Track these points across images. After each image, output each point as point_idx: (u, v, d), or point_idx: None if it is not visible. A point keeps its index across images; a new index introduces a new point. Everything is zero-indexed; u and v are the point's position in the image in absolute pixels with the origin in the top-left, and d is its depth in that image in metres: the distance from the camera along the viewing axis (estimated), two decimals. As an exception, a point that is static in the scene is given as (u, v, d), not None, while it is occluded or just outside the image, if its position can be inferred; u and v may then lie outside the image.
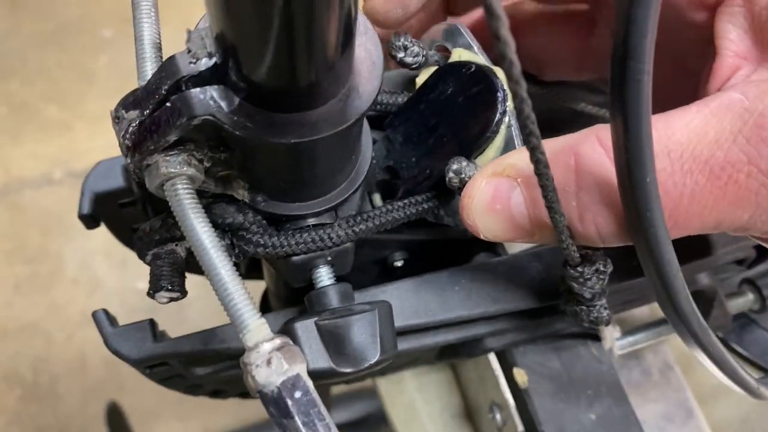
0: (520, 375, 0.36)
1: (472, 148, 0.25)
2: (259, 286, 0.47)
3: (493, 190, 0.23)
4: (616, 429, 0.35)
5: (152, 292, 0.26)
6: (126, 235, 0.33)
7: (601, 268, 0.26)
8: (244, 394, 0.38)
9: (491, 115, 0.25)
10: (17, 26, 1.67)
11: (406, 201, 0.27)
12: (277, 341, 0.20)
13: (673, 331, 0.34)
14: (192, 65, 0.21)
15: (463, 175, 0.24)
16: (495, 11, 0.16)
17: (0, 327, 1.36)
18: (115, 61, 1.65)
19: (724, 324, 0.42)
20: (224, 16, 0.19)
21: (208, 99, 0.21)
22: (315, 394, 0.20)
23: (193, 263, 0.31)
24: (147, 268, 0.28)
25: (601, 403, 0.35)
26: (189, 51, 0.21)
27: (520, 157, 0.24)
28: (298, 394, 0.19)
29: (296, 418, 0.19)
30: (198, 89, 0.21)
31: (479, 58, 0.27)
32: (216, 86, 0.21)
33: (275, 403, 0.19)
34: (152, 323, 0.29)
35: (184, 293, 0.27)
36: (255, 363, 0.19)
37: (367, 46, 0.22)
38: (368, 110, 0.22)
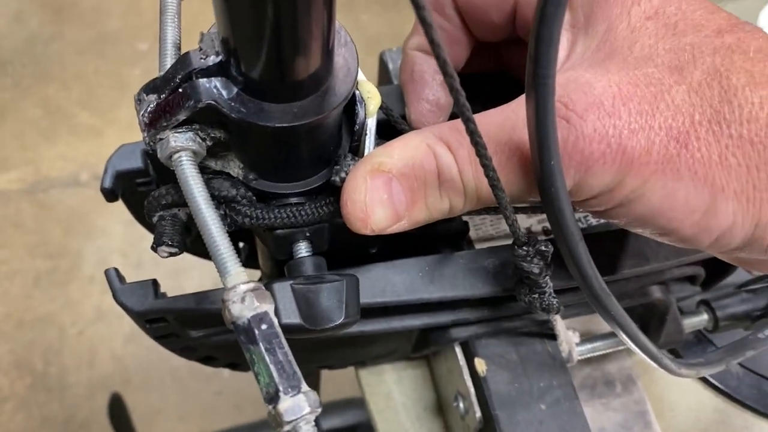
0: (480, 364, 0.40)
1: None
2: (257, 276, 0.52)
3: (377, 185, 0.28)
4: (562, 418, 0.38)
5: (155, 246, 0.31)
6: (140, 211, 0.38)
7: (542, 248, 0.30)
8: (232, 364, 0.42)
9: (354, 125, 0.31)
10: (61, 32, 1.76)
11: None
12: (251, 284, 0.24)
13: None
14: (202, 60, 0.26)
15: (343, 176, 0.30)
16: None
17: (18, 317, 1.42)
18: (149, 72, 1.72)
19: (677, 338, 0.45)
20: (227, 26, 0.25)
21: (213, 88, 0.26)
22: (278, 329, 0.24)
23: (196, 247, 0.37)
24: (160, 271, 0.32)
25: (551, 395, 0.39)
26: (200, 49, 0.26)
27: (385, 152, 0.28)
28: (264, 327, 0.24)
29: (260, 344, 0.23)
30: (205, 80, 0.26)
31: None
32: (219, 78, 0.26)
33: (245, 332, 0.24)
34: (155, 282, 0.33)
35: (182, 250, 0.31)
36: (231, 299, 0.24)
37: (345, 56, 0.28)
38: (340, 106, 0.27)
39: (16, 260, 1.48)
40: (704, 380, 0.52)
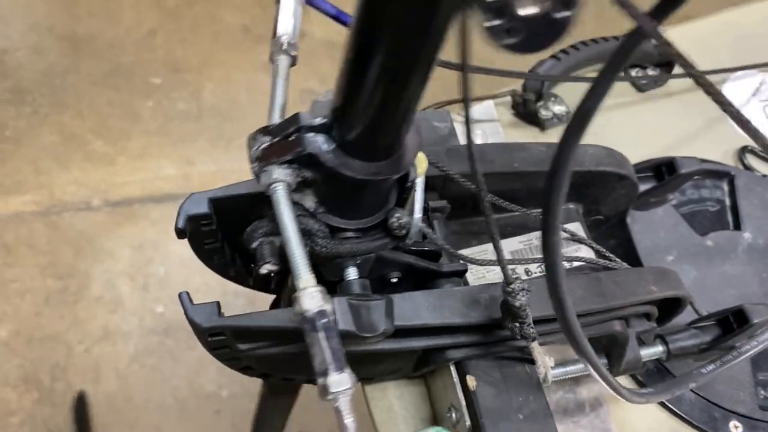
0: (471, 381, 0.48)
1: (403, 204, 0.40)
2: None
3: None
4: (536, 427, 0.47)
5: (260, 264, 0.39)
6: (201, 249, 0.47)
7: (526, 287, 0.39)
8: (264, 374, 0.50)
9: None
10: (77, 65, 1.85)
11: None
12: (319, 287, 0.33)
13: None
14: (311, 120, 0.35)
15: (401, 220, 0.39)
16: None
17: (27, 334, 1.49)
18: (160, 105, 1.81)
19: (636, 366, 0.54)
20: (342, 100, 0.33)
21: (316, 141, 0.35)
22: (334, 323, 0.33)
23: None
24: (165, 294, 0.41)
25: (528, 408, 0.47)
26: (312, 111, 0.35)
27: None
28: (324, 320, 0.32)
29: (320, 333, 0.32)
30: (312, 134, 0.35)
31: None
32: (323, 135, 0.35)
33: (310, 321, 0.32)
34: (218, 304, 0.42)
35: (278, 266, 0.40)
36: (303, 296, 0.33)
37: (412, 134, 0.37)
38: (406, 170, 0.36)
39: (27, 279, 1.55)
40: (662, 404, 0.61)
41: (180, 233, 0.43)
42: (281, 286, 0.54)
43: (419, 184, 0.39)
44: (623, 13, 0.24)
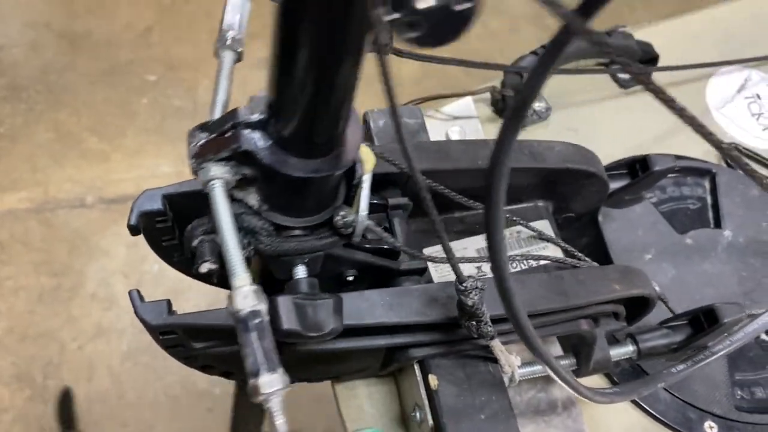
0: (433, 380, 0.47)
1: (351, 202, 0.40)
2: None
3: None
4: (498, 428, 0.46)
5: (199, 263, 0.39)
6: (158, 245, 0.46)
7: (479, 285, 0.38)
8: (226, 372, 0.50)
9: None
10: (73, 62, 1.85)
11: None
12: (254, 287, 0.32)
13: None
14: (248, 116, 0.35)
15: (346, 219, 0.38)
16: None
17: (21, 331, 1.49)
18: (156, 102, 1.81)
19: (606, 365, 0.53)
20: (275, 95, 0.33)
21: (253, 138, 0.34)
22: (267, 323, 0.32)
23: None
24: (159, 292, 0.41)
25: (490, 407, 0.47)
26: (249, 107, 0.35)
27: None
28: (257, 320, 0.32)
29: (252, 333, 0.32)
30: (249, 130, 0.35)
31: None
32: (259, 131, 0.35)
33: (242, 321, 0.32)
34: (168, 302, 0.41)
35: (217, 265, 0.39)
36: (236, 296, 0.32)
37: (353, 129, 0.36)
38: (346, 167, 0.35)
39: (21, 276, 1.55)
40: (636, 404, 0.60)
41: (132, 230, 0.43)
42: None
43: (366, 181, 0.38)
44: (550, 12, 0.23)
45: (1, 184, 1.65)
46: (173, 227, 0.44)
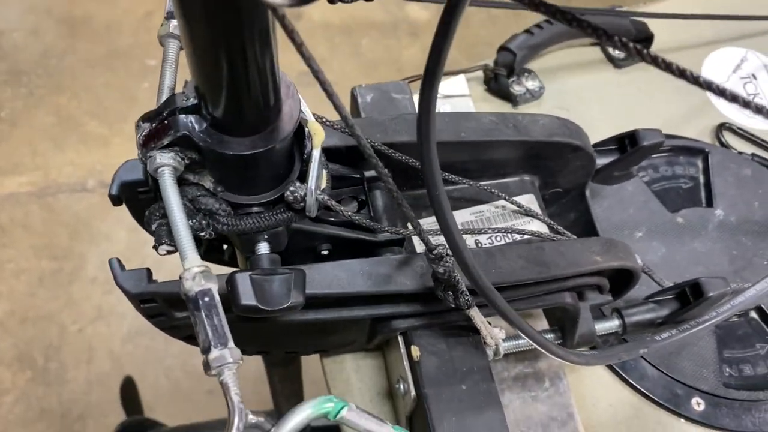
0: (415, 351, 0.48)
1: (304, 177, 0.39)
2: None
3: None
4: (479, 398, 0.46)
5: (156, 245, 0.39)
6: (141, 214, 0.47)
7: (449, 253, 0.38)
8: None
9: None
10: (74, 47, 1.86)
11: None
12: (202, 268, 0.33)
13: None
14: (184, 101, 0.35)
15: (295, 193, 0.38)
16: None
17: (22, 314, 1.50)
18: (156, 87, 1.81)
19: (590, 339, 0.53)
20: (197, 78, 0.33)
21: (188, 122, 0.35)
22: (218, 303, 0.33)
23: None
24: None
25: (471, 379, 0.47)
26: (184, 93, 0.35)
27: None
28: (206, 299, 0.33)
29: (202, 311, 0.32)
30: (184, 116, 0.35)
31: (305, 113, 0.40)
32: (194, 115, 0.35)
33: (192, 301, 0.32)
34: (149, 271, 0.41)
35: (175, 247, 0.40)
36: (185, 277, 0.33)
37: (291, 105, 0.36)
38: (283, 141, 0.36)
39: (22, 260, 1.56)
40: (624, 380, 0.60)
41: (115, 200, 0.43)
42: (235, 258, 0.54)
43: (315, 155, 0.39)
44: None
45: (1, 168, 1.66)
46: (155, 197, 0.45)
